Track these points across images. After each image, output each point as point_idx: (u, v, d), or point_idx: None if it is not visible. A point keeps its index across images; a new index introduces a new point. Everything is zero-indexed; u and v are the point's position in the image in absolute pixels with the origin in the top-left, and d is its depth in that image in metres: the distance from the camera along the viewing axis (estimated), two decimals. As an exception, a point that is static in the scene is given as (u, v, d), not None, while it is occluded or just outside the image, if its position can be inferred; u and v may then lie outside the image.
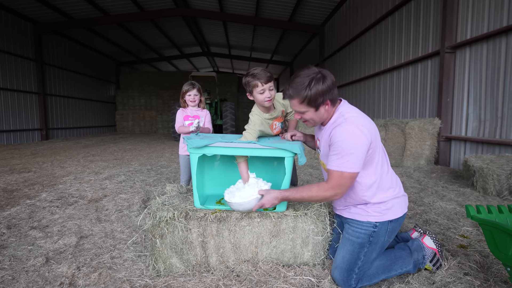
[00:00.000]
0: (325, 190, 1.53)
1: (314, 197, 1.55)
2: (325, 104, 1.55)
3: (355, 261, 1.57)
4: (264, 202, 1.57)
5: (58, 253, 2.01)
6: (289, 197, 1.59)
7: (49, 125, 11.98)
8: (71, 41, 13.40)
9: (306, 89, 1.49)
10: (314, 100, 1.51)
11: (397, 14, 6.90)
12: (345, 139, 1.47)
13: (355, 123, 1.50)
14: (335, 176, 1.50)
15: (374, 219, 1.59)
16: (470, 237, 2.21)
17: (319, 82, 1.49)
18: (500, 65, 4.30)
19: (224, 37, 15.89)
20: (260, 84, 1.86)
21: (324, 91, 1.50)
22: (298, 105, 1.57)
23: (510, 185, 3.27)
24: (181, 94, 2.89)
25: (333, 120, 1.59)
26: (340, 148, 1.47)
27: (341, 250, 1.63)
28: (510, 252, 1.27)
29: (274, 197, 1.57)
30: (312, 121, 1.62)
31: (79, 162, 5.94)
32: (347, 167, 1.47)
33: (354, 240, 1.61)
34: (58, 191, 3.63)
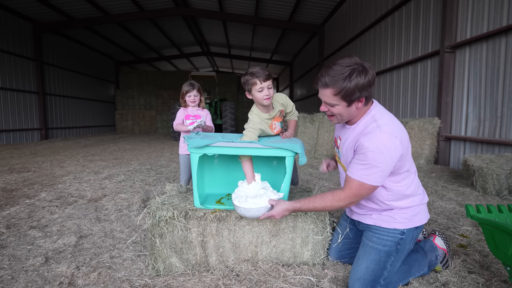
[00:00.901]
0: (340, 200, 1.42)
1: (327, 207, 1.45)
2: (359, 101, 1.40)
3: (381, 271, 1.45)
4: (274, 213, 1.51)
5: (57, 253, 2.01)
6: (300, 208, 1.50)
7: (48, 124, 11.97)
8: (71, 40, 13.38)
9: (345, 80, 1.33)
10: (350, 94, 1.35)
11: (397, 13, 6.90)
12: (375, 151, 1.31)
13: (388, 133, 1.34)
14: (354, 185, 1.38)
15: (401, 226, 1.47)
16: (469, 237, 2.21)
17: (361, 75, 1.32)
18: (500, 65, 4.30)
19: (224, 36, 15.88)
20: (259, 82, 1.86)
21: (363, 86, 1.34)
22: (330, 96, 1.40)
23: (510, 184, 3.28)
24: (181, 95, 2.88)
25: (364, 124, 1.44)
26: (368, 159, 1.33)
27: (364, 260, 1.49)
28: (510, 252, 1.27)
29: (285, 208, 1.51)
30: (339, 117, 1.47)
31: (79, 161, 5.93)
32: (370, 180, 1.35)
33: (381, 248, 1.47)
34: (57, 190, 3.63)
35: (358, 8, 8.85)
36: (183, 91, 2.86)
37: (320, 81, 1.42)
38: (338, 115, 1.46)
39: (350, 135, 1.51)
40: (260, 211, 1.54)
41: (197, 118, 2.83)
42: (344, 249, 1.78)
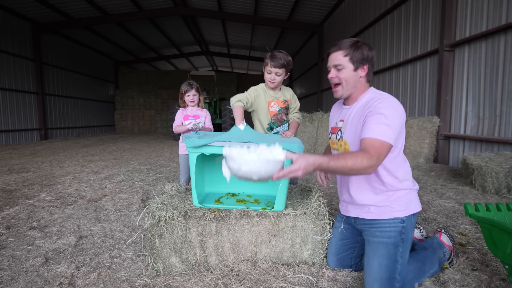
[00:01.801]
0: (368, 159, 1.30)
1: (355, 165, 1.30)
2: (363, 69, 1.51)
3: (394, 265, 1.43)
4: (297, 167, 1.24)
5: (57, 253, 2.01)
6: (329, 163, 1.30)
7: (48, 125, 11.96)
8: (70, 40, 13.37)
9: (354, 44, 1.49)
10: (358, 57, 1.49)
11: (396, 12, 6.89)
12: (389, 108, 1.39)
13: (394, 98, 1.47)
14: (376, 145, 1.33)
15: (400, 214, 1.48)
16: (468, 235, 2.22)
17: (365, 46, 1.51)
18: (499, 63, 4.30)
19: (223, 36, 15.86)
20: (270, 65, 2.06)
21: (367, 55, 1.50)
22: (340, 58, 1.51)
23: (509, 183, 3.28)
24: (180, 95, 2.87)
25: (368, 97, 1.52)
26: (384, 117, 1.36)
27: (374, 258, 1.47)
28: (508, 250, 1.27)
29: (311, 163, 1.27)
30: (345, 83, 1.53)
31: (78, 161, 5.93)
32: (389, 137, 1.34)
33: (387, 241, 1.46)
34: (57, 191, 3.63)
35: (357, 7, 8.84)
36: (182, 91, 2.85)
37: (334, 45, 1.55)
38: (344, 81, 1.53)
39: (353, 109, 1.56)
40: (277, 164, 1.18)
41: (196, 118, 2.83)
42: (343, 251, 1.73)
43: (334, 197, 3.37)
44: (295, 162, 1.25)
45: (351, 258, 1.73)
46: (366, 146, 1.36)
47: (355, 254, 1.73)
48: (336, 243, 1.74)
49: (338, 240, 1.74)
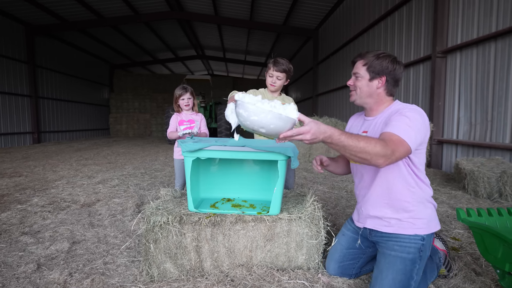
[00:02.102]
0: (382, 146, 1.24)
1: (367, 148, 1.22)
2: (380, 80, 1.51)
3: (408, 282, 1.39)
4: (307, 129, 1.17)
5: (49, 259, 1.98)
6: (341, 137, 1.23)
7: (41, 128, 11.83)
8: (64, 43, 13.29)
9: (376, 55, 1.52)
10: (375, 69, 1.50)
11: (390, 19, 7.01)
12: (413, 113, 1.38)
13: (421, 109, 1.45)
14: (394, 139, 1.29)
15: (421, 231, 1.44)
16: (461, 240, 2.25)
17: (388, 59, 1.51)
18: (490, 70, 4.39)
19: (219, 40, 15.92)
20: (272, 69, 2.21)
21: (387, 68, 1.49)
22: (359, 67, 1.55)
23: (500, 187, 3.34)
24: (174, 99, 2.82)
25: (393, 108, 1.51)
26: (408, 119, 1.35)
27: (389, 271, 1.42)
28: (499, 255, 1.30)
29: (322, 130, 1.20)
30: (359, 91, 1.55)
31: (72, 166, 5.87)
32: (409, 138, 1.30)
33: (405, 256, 1.42)
34: (50, 195, 3.59)
35: (352, 13, 8.97)
36: (176, 95, 2.81)
37: (358, 55, 1.59)
38: (359, 89, 1.55)
39: (378, 121, 1.54)
40: (288, 122, 1.12)
41: (191, 123, 2.79)
42: (347, 259, 1.69)
43: (329, 201, 3.39)
44: (306, 124, 1.19)
45: (353, 267, 1.70)
46: (384, 137, 1.32)
47: (359, 264, 1.71)
48: (342, 251, 1.70)
49: (344, 248, 1.70)
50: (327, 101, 11.47)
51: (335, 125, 6.73)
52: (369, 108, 1.60)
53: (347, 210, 3.07)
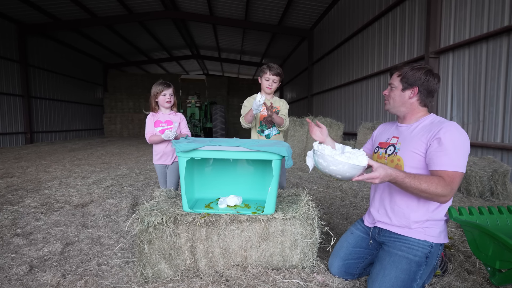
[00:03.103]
0: (443, 186, 1.34)
1: (431, 190, 1.35)
2: (412, 91, 1.57)
3: (411, 283, 1.42)
4: (377, 175, 1.32)
5: (42, 261, 1.96)
6: (404, 180, 1.36)
7: (33, 128, 11.67)
8: (57, 42, 13.13)
9: (410, 67, 1.58)
10: (408, 80, 1.57)
11: (384, 19, 7.06)
12: (458, 137, 1.40)
13: (458, 125, 1.46)
14: (454, 177, 1.36)
15: (431, 239, 1.49)
16: (454, 238, 2.28)
17: (422, 71, 1.56)
18: (482, 70, 4.46)
19: (214, 40, 15.88)
20: (268, 73, 2.37)
21: (420, 79, 1.55)
22: (395, 78, 1.64)
23: (492, 186, 3.39)
24: (154, 95, 2.44)
25: (431, 119, 1.55)
26: (459, 148, 1.38)
27: (392, 269, 1.45)
28: (490, 252, 1.32)
29: (389, 173, 1.34)
30: (392, 101, 1.64)
31: (65, 166, 5.81)
32: (461, 166, 1.37)
33: (411, 258, 1.45)
34: (42, 196, 3.54)
35: (346, 13, 9.02)
36: (156, 91, 2.43)
37: (396, 66, 1.67)
38: (392, 98, 1.64)
39: (413, 129, 1.58)
40: (360, 169, 1.31)
41: (169, 124, 2.48)
42: (352, 258, 1.70)
43: (324, 201, 3.40)
44: (375, 170, 1.34)
45: (357, 267, 1.71)
46: (440, 174, 1.39)
47: (364, 264, 1.72)
48: (348, 249, 1.72)
49: (351, 246, 1.72)
50: (322, 101, 11.52)
51: (330, 124, 6.76)
52: (403, 117, 1.66)
53: (342, 209, 3.09)
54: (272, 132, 2.49)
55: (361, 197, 3.53)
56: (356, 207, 3.16)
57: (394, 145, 1.63)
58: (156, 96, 2.48)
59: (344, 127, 7.30)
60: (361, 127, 6.57)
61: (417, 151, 1.49)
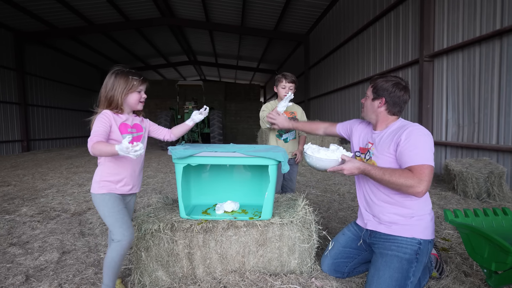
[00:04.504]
0: (411, 178, 1.44)
1: (396, 181, 1.46)
2: (380, 101, 1.67)
3: (405, 281, 1.45)
4: (344, 167, 1.56)
5: (38, 270, 1.94)
6: (370, 171, 1.54)
7: (30, 136, 11.62)
8: (54, 50, 13.15)
9: (381, 78, 1.70)
10: (376, 90, 1.68)
11: (378, 24, 7.14)
12: (420, 135, 1.52)
13: (421, 127, 1.59)
14: (422, 169, 1.45)
15: (418, 235, 1.54)
16: (451, 240, 2.28)
17: (390, 82, 1.66)
18: (475, 73, 4.51)
19: (211, 46, 15.96)
20: (284, 81, 2.53)
21: (386, 89, 1.65)
22: (369, 88, 1.76)
23: (488, 188, 3.41)
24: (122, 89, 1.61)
25: (398, 125, 1.66)
26: (420, 144, 1.50)
27: (386, 269, 1.49)
28: (485, 254, 1.32)
29: (356, 166, 1.56)
30: (365, 109, 1.78)
31: (62, 174, 5.78)
32: (431, 161, 1.48)
33: (402, 256, 1.50)
34: (39, 205, 3.52)
35: (342, 18, 9.12)
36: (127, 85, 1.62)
37: (373, 77, 1.80)
38: (365, 107, 1.78)
39: (383, 135, 1.69)
40: (330, 163, 1.60)
41: (139, 131, 1.74)
42: (342, 257, 1.76)
43: (322, 205, 3.40)
44: (346, 163, 1.57)
45: (346, 266, 1.77)
46: (409, 169, 1.49)
47: (352, 264, 1.77)
48: (338, 248, 1.79)
49: (341, 246, 1.79)
50: (319, 105, 11.58)
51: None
52: (374, 124, 1.77)
53: (340, 213, 3.09)
54: (289, 137, 2.58)
55: (359, 201, 3.54)
56: (354, 210, 3.16)
57: (369, 150, 1.75)
58: (127, 92, 1.63)
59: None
60: (358, 130, 6.60)
61: (387, 154, 1.61)
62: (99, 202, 1.55)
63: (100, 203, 1.54)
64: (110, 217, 1.52)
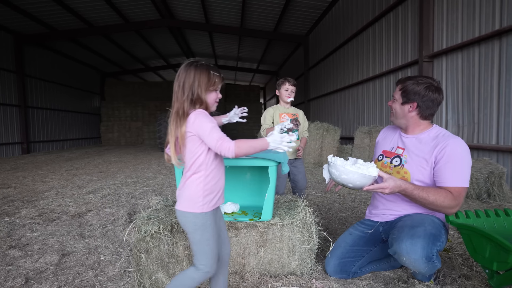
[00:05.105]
0: (450, 200, 1.44)
1: (436, 202, 1.44)
2: (411, 105, 1.60)
3: (439, 238, 1.43)
4: (387, 185, 1.42)
5: (38, 273, 1.94)
6: (413, 192, 1.46)
7: (30, 138, 11.62)
8: (54, 52, 13.16)
9: (411, 83, 1.60)
10: (407, 94, 1.60)
11: (377, 25, 7.16)
12: (463, 154, 1.48)
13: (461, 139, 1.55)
14: (461, 191, 1.46)
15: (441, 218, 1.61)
16: (452, 241, 2.28)
17: (422, 85, 1.57)
18: (475, 73, 4.51)
19: (210, 47, 15.99)
20: (287, 84, 2.68)
21: (419, 92, 1.57)
22: (397, 91, 1.67)
23: (488, 188, 3.40)
24: (209, 85, 1.31)
25: (435, 134, 1.60)
26: (463, 165, 1.47)
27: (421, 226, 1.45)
28: (487, 255, 1.32)
29: (398, 185, 1.44)
30: (394, 112, 1.69)
31: (62, 176, 5.78)
32: (466, 181, 1.47)
33: (436, 220, 1.54)
34: (39, 207, 3.52)
35: (341, 19, 9.13)
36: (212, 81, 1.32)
37: (400, 79, 1.70)
38: (394, 110, 1.69)
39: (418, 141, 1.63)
40: (369, 180, 1.40)
41: None
42: (349, 256, 1.72)
43: (322, 206, 3.40)
44: (385, 180, 1.43)
45: (354, 265, 1.72)
46: (448, 189, 1.48)
47: (360, 263, 1.74)
48: (345, 248, 1.75)
49: (348, 245, 1.75)
50: (319, 106, 11.58)
51: (327, 129, 6.78)
52: (405, 128, 1.70)
53: (340, 214, 3.08)
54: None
55: (359, 202, 3.53)
56: (354, 211, 3.16)
57: (400, 156, 1.67)
58: (208, 89, 1.33)
59: (341, 131, 7.32)
60: (358, 131, 6.60)
61: (424, 166, 1.56)
62: (199, 224, 1.24)
63: (200, 226, 1.24)
64: (208, 245, 1.25)
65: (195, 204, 1.23)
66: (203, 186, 1.24)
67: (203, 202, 1.24)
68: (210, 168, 1.26)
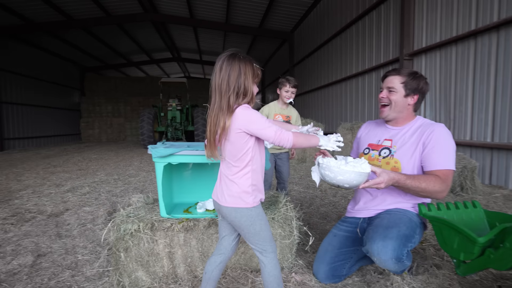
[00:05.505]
0: (440, 184, 1.48)
1: (430, 189, 1.47)
2: (413, 98, 1.66)
3: (411, 238, 1.45)
4: (382, 180, 1.40)
5: (11, 275, 1.87)
6: (406, 182, 1.47)
7: (4, 135, 11.10)
8: (30, 45, 12.59)
9: (414, 74, 1.65)
10: (411, 86, 1.64)
11: (361, 23, 7.27)
12: (448, 139, 1.56)
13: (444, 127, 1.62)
14: (448, 174, 1.52)
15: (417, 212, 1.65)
16: (425, 232, 2.37)
17: (423, 80, 1.66)
18: (451, 72, 4.68)
19: (195, 42, 15.76)
20: (288, 85, 2.72)
21: (421, 87, 1.64)
22: (396, 82, 1.66)
23: (462, 181, 3.55)
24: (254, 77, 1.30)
25: (420, 123, 1.67)
26: (448, 148, 1.54)
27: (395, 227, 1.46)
28: (455, 245, 1.39)
29: (392, 177, 1.43)
30: (394, 105, 1.67)
31: (39, 174, 5.57)
32: (453, 163, 1.54)
33: (409, 216, 1.58)
34: (13, 206, 3.38)
35: (325, 17, 9.21)
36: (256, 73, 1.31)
37: (393, 70, 1.70)
38: (394, 102, 1.67)
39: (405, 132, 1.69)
40: (365, 177, 1.35)
41: None
42: (339, 260, 1.67)
43: (304, 201, 3.45)
44: (379, 175, 1.42)
45: (344, 268, 1.67)
46: (436, 173, 1.53)
47: (350, 264, 1.69)
48: (333, 251, 1.68)
49: (335, 249, 1.69)
50: (303, 103, 11.68)
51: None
52: (395, 121, 1.75)
53: (321, 209, 3.14)
54: None
55: (340, 196, 3.61)
56: (335, 206, 3.23)
57: (389, 148, 1.71)
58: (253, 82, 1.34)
59: (324, 127, 7.43)
60: (341, 127, 6.72)
61: (413, 153, 1.61)
62: (255, 216, 1.28)
63: (256, 217, 1.28)
64: (267, 230, 1.31)
65: (247, 199, 1.26)
66: (251, 181, 1.27)
67: (253, 195, 1.28)
68: (256, 163, 1.29)
